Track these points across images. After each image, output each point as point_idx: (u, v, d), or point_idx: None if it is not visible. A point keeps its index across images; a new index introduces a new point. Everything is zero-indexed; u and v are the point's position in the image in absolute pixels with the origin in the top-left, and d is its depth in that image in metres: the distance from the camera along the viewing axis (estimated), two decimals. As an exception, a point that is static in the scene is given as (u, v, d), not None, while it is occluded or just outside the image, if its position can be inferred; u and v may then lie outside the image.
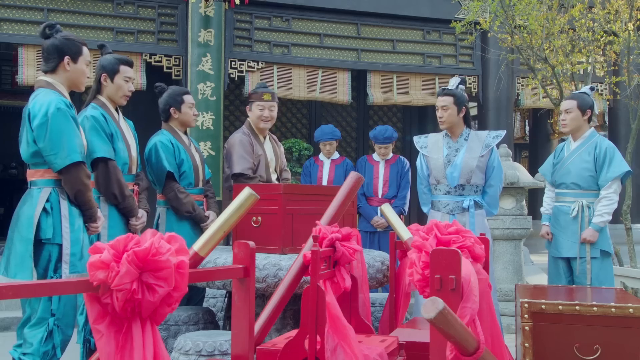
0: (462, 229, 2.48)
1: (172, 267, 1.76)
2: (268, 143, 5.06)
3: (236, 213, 2.36)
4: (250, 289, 2.25)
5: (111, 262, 1.67)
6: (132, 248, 1.71)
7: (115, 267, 1.67)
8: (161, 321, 1.83)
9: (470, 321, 2.00)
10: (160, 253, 1.75)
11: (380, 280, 3.69)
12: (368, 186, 6.51)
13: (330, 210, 3.03)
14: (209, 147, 8.14)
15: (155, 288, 1.73)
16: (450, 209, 4.50)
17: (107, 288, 1.66)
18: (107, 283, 1.65)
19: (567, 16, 7.12)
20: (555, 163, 4.93)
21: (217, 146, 8.23)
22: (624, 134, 10.16)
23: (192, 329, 3.88)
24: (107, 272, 1.67)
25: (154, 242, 1.78)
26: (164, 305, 1.78)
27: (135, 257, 1.69)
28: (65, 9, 8.10)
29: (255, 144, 4.86)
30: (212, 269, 2.40)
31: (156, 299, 1.73)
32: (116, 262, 1.68)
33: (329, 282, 2.80)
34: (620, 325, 3.01)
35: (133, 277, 1.67)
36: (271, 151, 5.03)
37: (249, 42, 8.82)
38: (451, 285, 2.01)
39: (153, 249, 1.74)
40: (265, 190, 3.68)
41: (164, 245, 1.79)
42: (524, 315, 3.15)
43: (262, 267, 3.40)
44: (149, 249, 1.73)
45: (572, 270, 4.75)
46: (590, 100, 4.82)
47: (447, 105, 4.49)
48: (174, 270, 1.76)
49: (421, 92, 9.62)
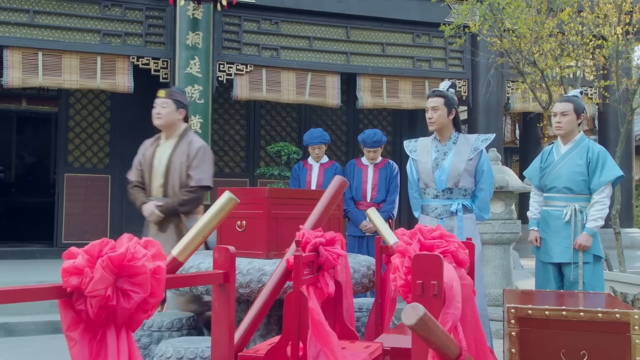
0: (446, 233, 2.43)
1: (148, 273, 1.73)
2: (168, 145, 4.75)
3: (216, 217, 2.32)
4: (230, 295, 2.21)
5: (85, 268, 1.63)
6: (106, 253, 1.68)
7: (89, 273, 1.63)
8: (137, 328, 1.79)
9: (453, 327, 1.96)
10: (135, 258, 1.72)
11: (366, 285, 3.64)
12: (357, 190, 6.45)
13: (314, 215, 2.99)
14: (197, 151, 8.09)
15: (130, 294, 1.70)
16: (439, 212, 4.45)
17: (81, 294, 1.63)
18: (81, 289, 1.62)
19: (557, 20, 7.11)
20: (543, 167, 4.88)
21: (205, 150, 8.17)
22: (613, 138, 10.17)
23: (176, 334, 3.82)
24: (80, 277, 1.63)
25: (130, 247, 1.74)
26: (140, 311, 1.75)
27: (110, 262, 1.66)
28: (51, 11, 8.06)
29: (149, 147, 4.81)
30: (191, 275, 2.37)
31: (131, 305, 1.69)
32: (90, 267, 1.64)
33: (313, 288, 2.76)
34: (607, 331, 2.98)
35: (107, 282, 1.64)
36: (165, 155, 4.70)
37: (237, 45, 8.78)
38: (433, 291, 1.97)
39: (128, 254, 1.71)
40: (250, 195, 3.63)
41: (140, 251, 1.76)
42: (511, 320, 3.13)
43: (246, 272, 3.35)
44: (124, 254, 1.70)
45: (562, 276, 4.71)
46: (583, 104, 4.80)
47: (437, 106, 4.44)
48: (150, 275, 1.73)
49: (411, 95, 9.59)
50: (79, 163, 10.34)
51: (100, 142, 10.50)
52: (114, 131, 10.53)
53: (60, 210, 10.05)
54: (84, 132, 10.41)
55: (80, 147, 10.39)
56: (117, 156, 10.43)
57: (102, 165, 10.50)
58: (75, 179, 10.19)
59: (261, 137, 11.42)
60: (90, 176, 10.29)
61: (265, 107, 11.39)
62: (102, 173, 10.41)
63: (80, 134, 10.40)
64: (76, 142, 10.37)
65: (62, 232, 9.95)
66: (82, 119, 10.41)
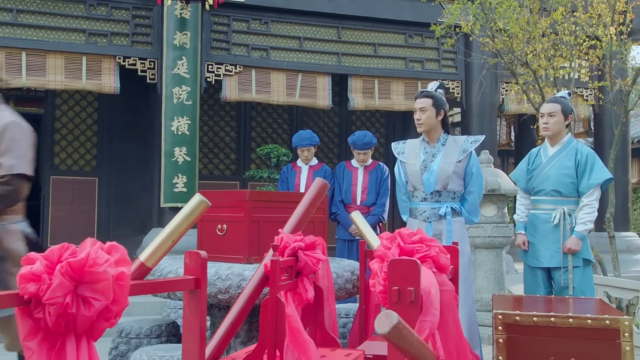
0: (427, 237, 2.33)
1: (110, 279, 1.66)
2: None
3: (185, 221, 2.26)
4: (202, 302, 2.15)
5: (43, 274, 1.58)
6: (66, 259, 1.61)
7: (47, 280, 1.57)
8: (98, 337, 1.72)
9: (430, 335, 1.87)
10: (97, 264, 1.65)
11: (350, 290, 3.54)
12: (346, 193, 6.37)
13: (294, 218, 2.91)
14: (184, 153, 8.00)
15: (91, 302, 1.63)
16: (427, 216, 4.36)
17: (39, 302, 1.57)
18: (39, 296, 1.56)
19: (550, 20, 7.01)
20: (531, 169, 4.79)
21: (192, 152, 8.09)
22: (609, 140, 10.08)
23: (155, 342, 3.72)
24: (38, 284, 1.57)
25: (91, 252, 1.68)
26: (102, 319, 1.68)
27: (70, 268, 1.59)
28: (35, 10, 7.95)
29: None
30: (160, 281, 2.29)
31: (92, 313, 1.63)
32: (49, 274, 1.58)
33: (291, 294, 2.69)
34: (596, 338, 2.90)
35: (67, 290, 1.58)
36: None
37: (226, 45, 8.68)
38: (410, 298, 1.88)
39: (89, 259, 1.65)
40: (231, 197, 3.55)
41: (102, 256, 1.69)
42: (498, 327, 3.04)
43: (225, 278, 3.25)
44: (84, 260, 1.63)
45: (551, 281, 4.62)
46: (571, 105, 4.72)
47: (425, 107, 4.37)
48: (112, 282, 1.66)
49: (403, 97, 9.50)
50: (65, 165, 10.21)
51: (88, 144, 10.38)
52: (101, 133, 10.41)
53: (46, 213, 9.93)
54: (71, 133, 10.28)
55: (66, 149, 10.26)
56: (104, 158, 10.32)
57: (89, 167, 10.38)
58: (62, 182, 10.06)
59: (252, 139, 11.31)
60: (77, 179, 10.16)
61: (256, 108, 11.28)
62: (89, 176, 10.28)
63: (67, 136, 10.27)
64: (63, 144, 10.25)
65: (47, 236, 9.82)
66: (69, 121, 10.29)
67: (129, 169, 10.24)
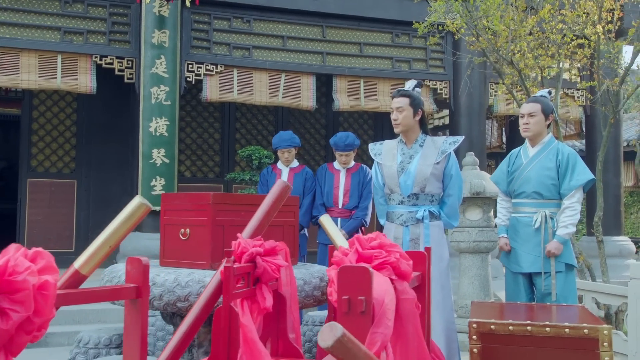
0: (387, 243, 2.16)
1: (31, 289, 1.55)
2: None
3: (124, 225, 2.13)
4: (143, 311, 2.07)
5: None
6: None
7: None
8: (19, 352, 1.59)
9: (382, 348, 1.70)
10: (16, 272, 1.56)
11: (319, 298, 3.37)
12: (328, 196, 6.22)
13: (253, 222, 2.75)
14: (162, 155, 7.81)
15: (9, 313, 1.53)
16: (404, 220, 4.21)
17: None
18: None
19: (536, 18, 6.84)
20: (511, 171, 4.64)
21: (171, 154, 7.92)
22: (600, 142, 9.91)
23: (114, 352, 3.54)
24: None
25: (10, 259, 1.57)
26: (22, 332, 1.58)
27: None
28: (7, 7, 7.75)
29: None
30: (96, 289, 2.15)
31: (10, 326, 1.53)
32: None
33: (248, 302, 2.52)
34: (574, 347, 2.76)
35: None
36: None
37: (207, 44, 8.50)
38: (360, 308, 1.72)
39: (8, 268, 1.55)
40: (194, 200, 3.38)
41: (22, 264, 1.58)
42: (472, 336, 2.90)
43: (185, 285, 3.07)
44: (2, 268, 1.54)
45: (533, 286, 4.45)
46: (551, 105, 4.58)
47: (402, 106, 4.25)
48: (34, 292, 1.56)
49: (390, 97, 9.31)
50: (43, 167, 10.00)
51: (66, 146, 10.17)
52: (80, 134, 10.20)
53: (23, 217, 9.73)
54: (49, 135, 10.07)
55: (44, 151, 10.04)
56: (83, 160, 10.12)
57: (68, 169, 10.16)
58: (39, 184, 9.85)
59: (236, 140, 11.12)
60: (55, 181, 9.95)
61: (240, 109, 11.10)
62: (67, 178, 10.06)
63: (44, 137, 10.05)
64: (40, 146, 10.03)
65: (24, 240, 9.59)
66: (47, 122, 10.08)
67: (109, 171, 10.04)
